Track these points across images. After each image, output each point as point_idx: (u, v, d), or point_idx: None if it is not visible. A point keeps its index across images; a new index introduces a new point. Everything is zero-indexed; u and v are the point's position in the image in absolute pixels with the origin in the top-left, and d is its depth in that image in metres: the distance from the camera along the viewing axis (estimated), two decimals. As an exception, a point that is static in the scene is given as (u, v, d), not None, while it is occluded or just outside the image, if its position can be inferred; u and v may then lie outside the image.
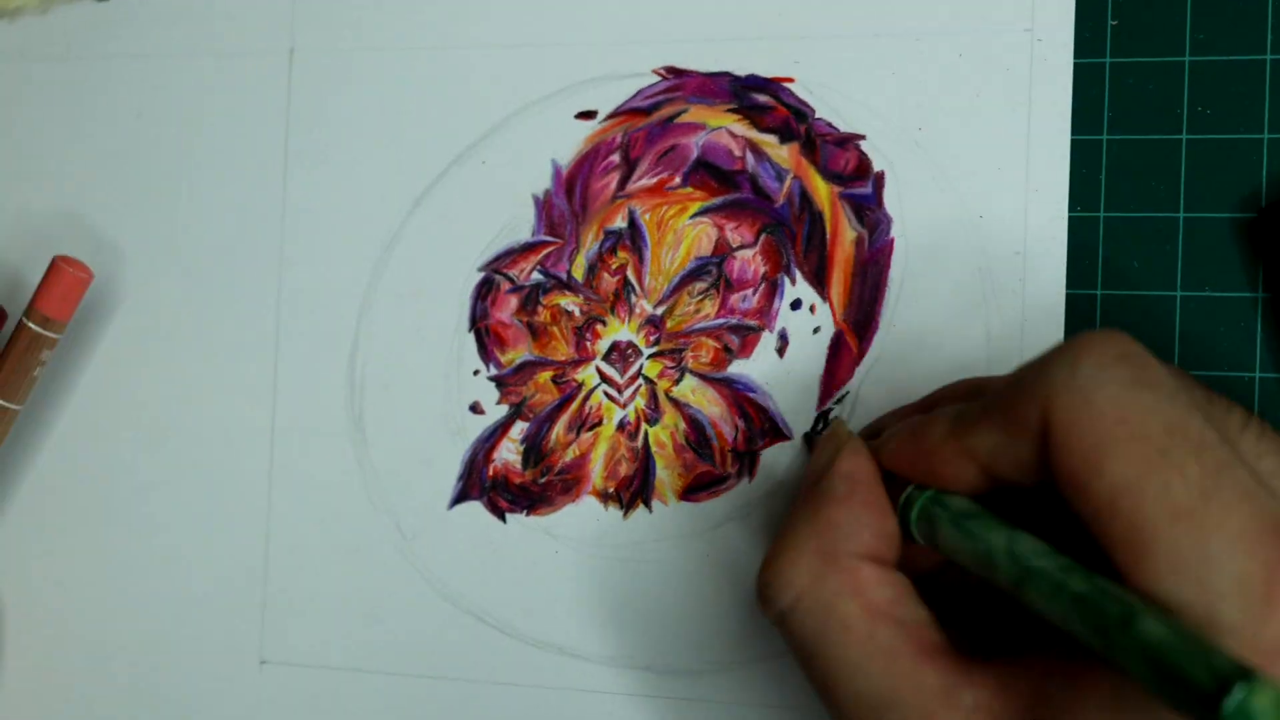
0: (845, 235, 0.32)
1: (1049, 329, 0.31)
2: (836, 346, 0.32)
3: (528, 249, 0.34)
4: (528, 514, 0.34)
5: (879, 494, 0.26)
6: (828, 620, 0.25)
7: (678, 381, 0.33)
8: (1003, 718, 0.23)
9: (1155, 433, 0.21)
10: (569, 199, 0.34)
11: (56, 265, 0.34)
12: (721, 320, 0.33)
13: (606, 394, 0.33)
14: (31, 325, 0.34)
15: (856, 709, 0.24)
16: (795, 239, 0.32)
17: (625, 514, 0.33)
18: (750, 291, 0.33)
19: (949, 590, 0.27)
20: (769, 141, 0.33)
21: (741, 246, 0.33)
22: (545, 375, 0.34)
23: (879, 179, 0.32)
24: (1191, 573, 0.20)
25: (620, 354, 0.33)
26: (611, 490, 0.33)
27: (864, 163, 0.32)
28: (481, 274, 0.34)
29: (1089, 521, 0.22)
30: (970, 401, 0.25)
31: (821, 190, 0.32)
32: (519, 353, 0.34)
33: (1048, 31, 0.31)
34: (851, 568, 0.25)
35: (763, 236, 0.33)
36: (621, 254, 0.33)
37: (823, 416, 0.32)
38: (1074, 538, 0.23)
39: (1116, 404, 0.22)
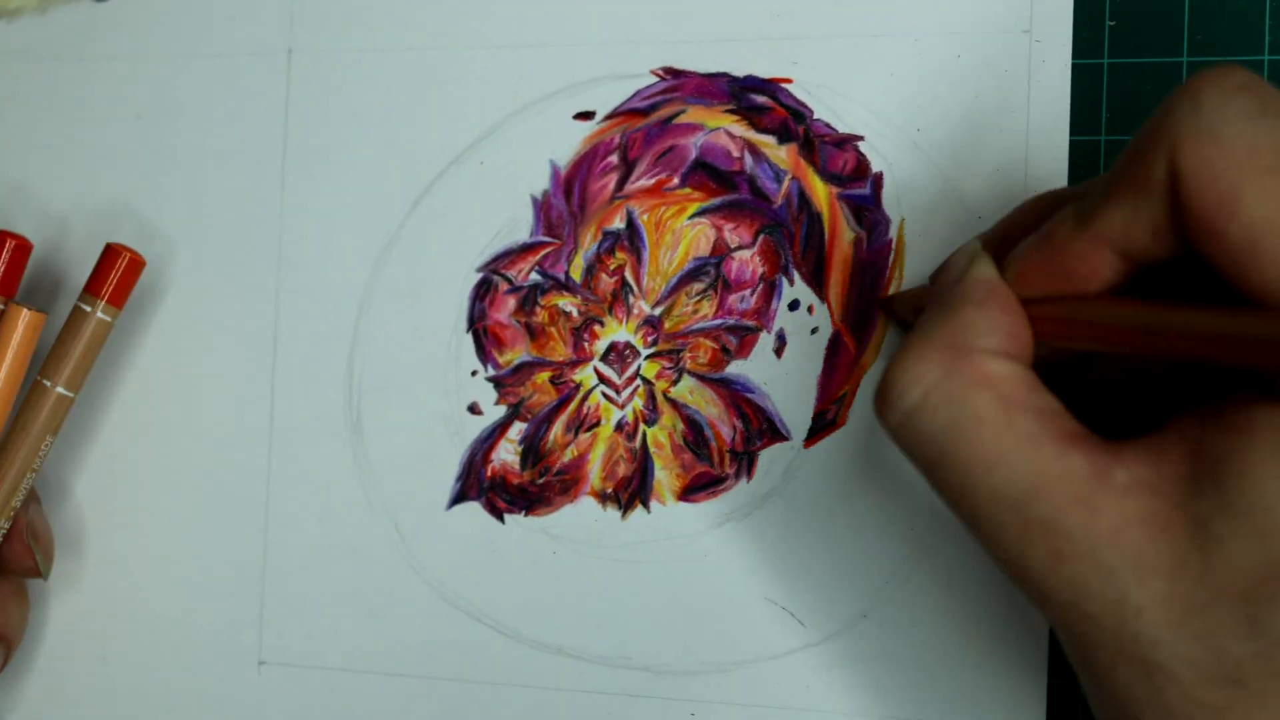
0: (843, 236, 0.32)
1: (1047, 330, 0.31)
2: (834, 347, 0.32)
3: (526, 249, 0.34)
4: (526, 514, 0.34)
5: (1015, 302, 0.24)
6: (960, 413, 0.23)
7: (676, 382, 0.33)
8: (1162, 488, 0.21)
9: None
10: (567, 199, 0.34)
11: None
12: (719, 321, 0.33)
13: (605, 394, 0.33)
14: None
15: (996, 506, 0.22)
16: (793, 240, 0.32)
17: (623, 514, 0.33)
18: (748, 292, 0.33)
19: (1076, 388, 0.26)
20: (767, 142, 0.33)
21: (740, 247, 0.33)
22: (543, 376, 0.34)
23: (877, 180, 0.32)
24: None
25: (618, 354, 0.33)
26: (610, 491, 0.33)
27: (862, 163, 0.32)
28: (480, 274, 0.34)
29: (1229, 272, 0.20)
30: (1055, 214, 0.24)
31: (820, 191, 0.32)
32: (517, 353, 0.34)
33: (1046, 32, 0.31)
34: (982, 362, 0.23)
35: (761, 237, 0.33)
36: (620, 254, 0.33)
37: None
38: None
39: (1245, 136, 0.20)
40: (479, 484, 0.34)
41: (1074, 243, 0.23)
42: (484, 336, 0.34)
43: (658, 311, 0.33)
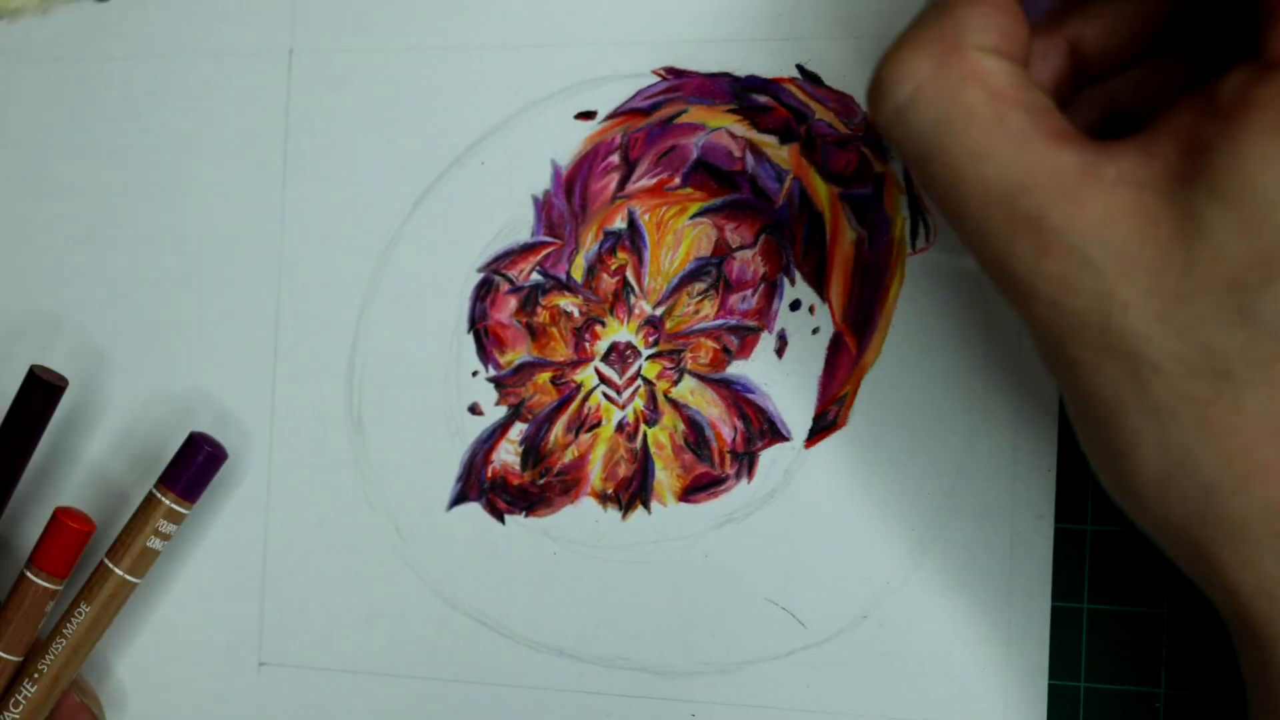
0: (845, 236, 0.32)
1: (1048, 330, 0.31)
2: (835, 347, 0.32)
3: (527, 250, 0.34)
4: (526, 515, 0.34)
5: (1011, 1, 0.24)
6: (950, 108, 0.22)
7: (676, 382, 0.33)
8: (1151, 181, 0.21)
9: None
10: (568, 199, 0.34)
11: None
12: (720, 321, 0.33)
13: (605, 395, 0.33)
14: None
15: (984, 200, 0.22)
16: (795, 240, 0.32)
17: (624, 515, 0.33)
18: (749, 292, 0.33)
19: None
20: (769, 142, 0.33)
21: (741, 247, 0.33)
22: (544, 376, 0.34)
23: (879, 180, 0.32)
24: None
25: (619, 355, 0.33)
26: (610, 491, 0.33)
27: (864, 164, 0.32)
28: (480, 275, 0.34)
29: None
30: None
31: (821, 191, 0.32)
32: (518, 354, 0.34)
33: (1047, 33, 0.31)
34: (975, 58, 0.23)
35: (762, 237, 0.33)
36: (621, 254, 0.33)
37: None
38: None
39: None
40: (479, 485, 0.34)
41: None
42: (485, 337, 0.34)
43: (659, 312, 0.33)
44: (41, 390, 0.34)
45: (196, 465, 0.33)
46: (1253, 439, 0.21)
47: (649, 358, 0.33)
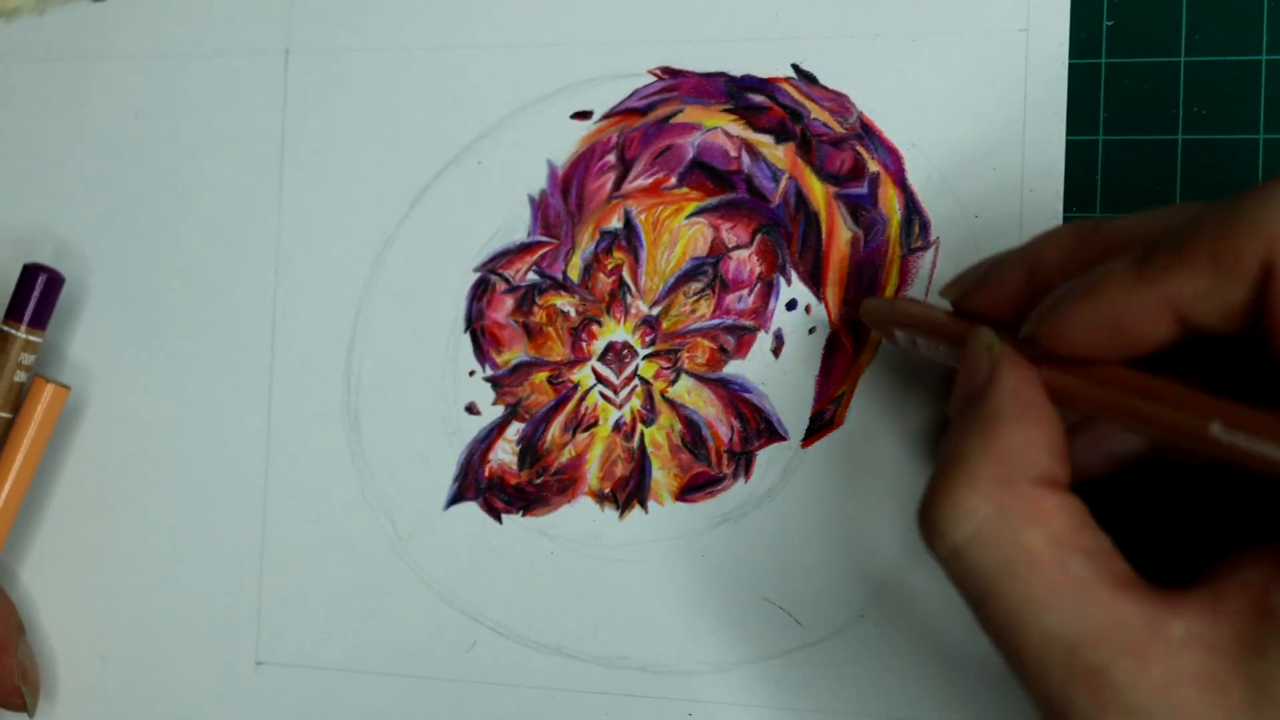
0: (841, 235, 0.32)
1: (1044, 329, 0.31)
2: (832, 347, 0.32)
3: (523, 249, 0.34)
4: (524, 514, 0.34)
5: (1049, 409, 0.24)
6: (1011, 554, 0.22)
7: (673, 382, 0.33)
8: (1219, 644, 0.21)
9: None
10: (565, 199, 0.34)
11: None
12: (717, 320, 0.33)
13: (602, 394, 0.33)
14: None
15: (1045, 650, 0.22)
16: (791, 239, 0.32)
17: (621, 515, 0.33)
18: (746, 292, 0.33)
19: (1115, 510, 0.25)
20: (764, 142, 0.33)
21: (737, 247, 0.33)
22: (541, 376, 0.34)
23: (874, 179, 0.32)
24: None
25: (616, 354, 0.33)
26: (607, 491, 0.33)
27: (859, 163, 0.32)
28: (477, 274, 0.34)
29: None
30: (1092, 248, 0.23)
31: (817, 190, 0.32)
32: (515, 353, 0.34)
33: (1043, 32, 0.31)
34: (1033, 495, 0.22)
35: (758, 237, 0.33)
36: (617, 254, 0.33)
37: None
38: (1266, 390, 0.21)
39: None
40: (476, 484, 0.34)
41: (1134, 298, 0.22)
42: (482, 336, 0.34)
43: (655, 311, 0.33)
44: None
45: (37, 292, 0.35)
46: None
47: (646, 357, 0.33)
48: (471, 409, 0.34)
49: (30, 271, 0.35)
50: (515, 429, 0.34)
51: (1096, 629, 0.21)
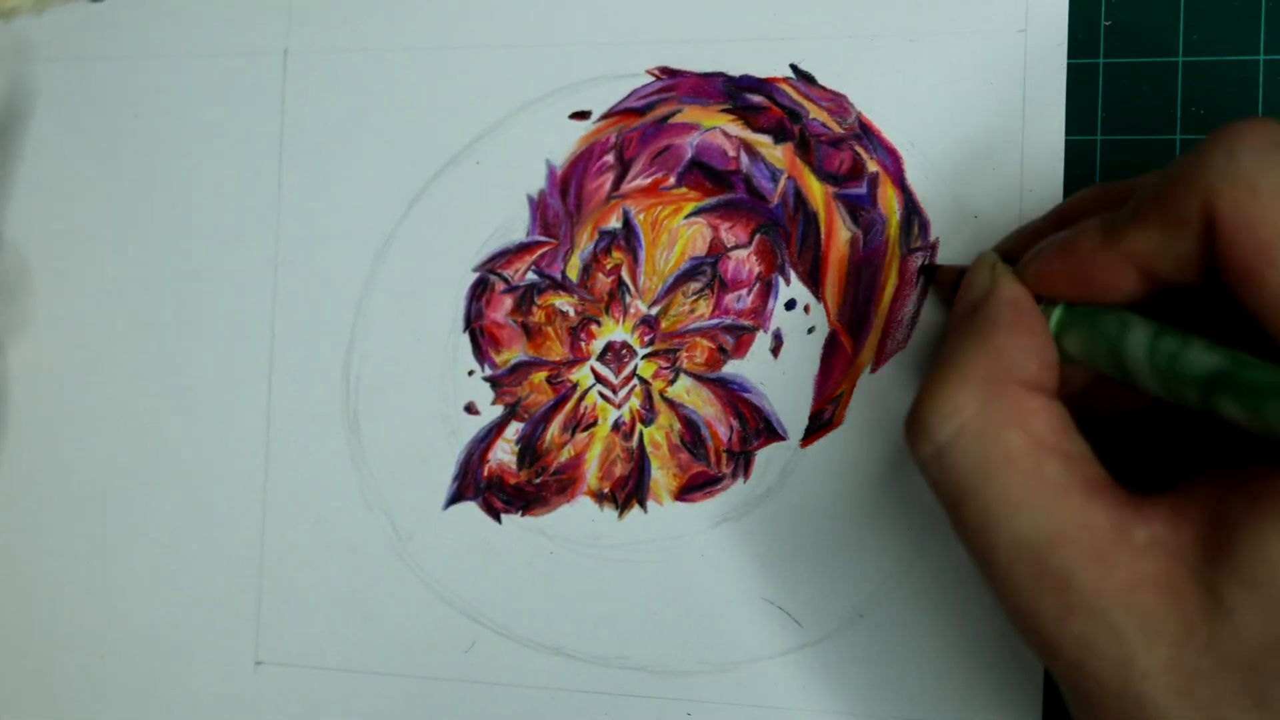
0: (840, 235, 0.32)
1: (1043, 329, 0.31)
2: (831, 347, 0.32)
3: (522, 249, 0.34)
4: (523, 514, 0.34)
5: (1041, 321, 0.24)
6: (991, 453, 0.23)
7: (672, 382, 0.33)
8: (1179, 551, 0.21)
9: None
10: (563, 199, 0.34)
11: None
12: (716, 320, 0.33)
13: (601, 394, 0.34)
14: None
15: (1015, 553, 0.22)
16: (790, 239, 0.32)
17: (620, 514, 0.33)
18: (745, 292, 0.33)
19: (1096, 422, 0.26)
20: (763, 141, 0.33)
21: (736, 247, 0.33)
22: (540, 376, 0.34)
23: (873, 179, 0.32)
24: None
25: (615, 354, 0.33)
26: (606, 491, 0.33)
27: (858, 163, 0.32)
28: (476, 274, 0.34)
29: (1262, 318, 0.21)
30: (1108, 205, 0.24)
31: (816, 190, 0.32)
32: (514, 353, 0.34)
33: (1041, 32, 0.31)
34: (1018, 395, 0.23)
35: (757, 237, 0.33)
36: (616, 254, 0.33)
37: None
38: (1243, 337, 0.22)
39: None
40: (476, 484, 0.34)
41: (1099, 257, 0.23)
42: (481, 336, 0.34)
43: (654, 311, 0.33)
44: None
45: None
46: None
47: (645, 357, 0.33)
48: (470, 409, 0.34)
49: None
50: (514, 429, 0.34)
51: (1064, 533, 0.22)
